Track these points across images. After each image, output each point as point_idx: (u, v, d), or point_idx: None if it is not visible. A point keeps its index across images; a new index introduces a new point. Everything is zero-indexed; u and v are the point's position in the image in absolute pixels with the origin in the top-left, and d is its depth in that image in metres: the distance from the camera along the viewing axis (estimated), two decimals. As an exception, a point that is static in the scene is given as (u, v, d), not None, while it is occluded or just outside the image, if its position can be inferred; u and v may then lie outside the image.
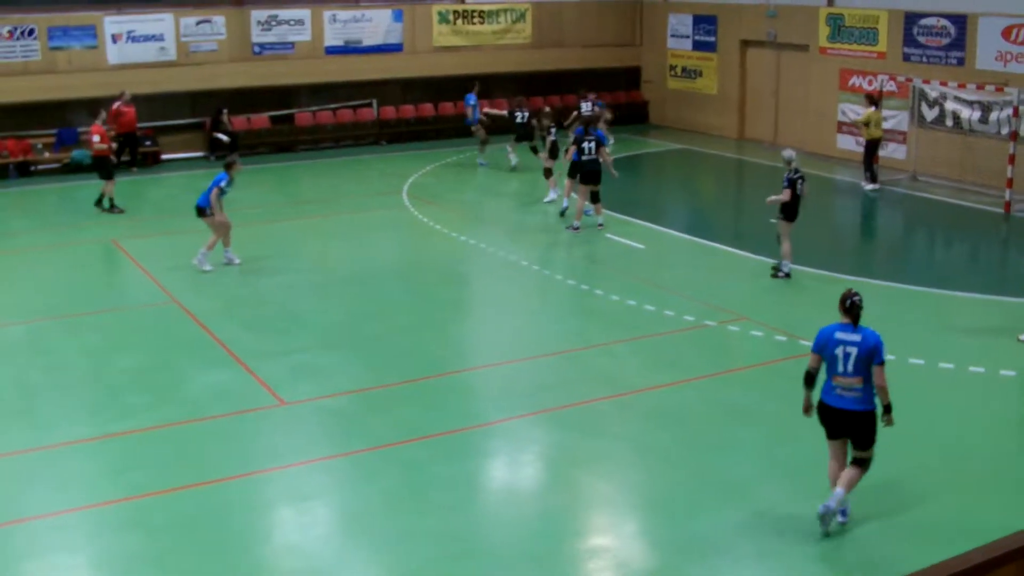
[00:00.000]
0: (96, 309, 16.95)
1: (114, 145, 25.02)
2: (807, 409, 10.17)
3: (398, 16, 32.35)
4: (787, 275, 17.95)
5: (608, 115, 28.30)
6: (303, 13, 31.05)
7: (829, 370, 9.85)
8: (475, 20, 33.44)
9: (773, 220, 18.23)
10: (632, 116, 35.45)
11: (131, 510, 10.61)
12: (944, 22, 25.85)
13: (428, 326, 16.23)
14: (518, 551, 9.87)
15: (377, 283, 18.57)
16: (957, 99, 25.00)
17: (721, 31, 32.78)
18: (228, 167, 18.89)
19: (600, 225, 21.47)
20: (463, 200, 24.86)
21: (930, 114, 25.82)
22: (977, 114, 24.61)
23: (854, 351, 9.69)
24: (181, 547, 9.90)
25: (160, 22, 29.24)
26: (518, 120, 27.37)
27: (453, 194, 25.57)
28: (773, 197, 17.81)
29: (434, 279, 18.85)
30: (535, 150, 26.70)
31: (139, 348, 15.30)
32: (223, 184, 18.65)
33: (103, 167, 23.39)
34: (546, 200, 24.13)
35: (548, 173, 24.24)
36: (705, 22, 33.27)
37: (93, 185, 24.75)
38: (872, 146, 25.25)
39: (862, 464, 9.95)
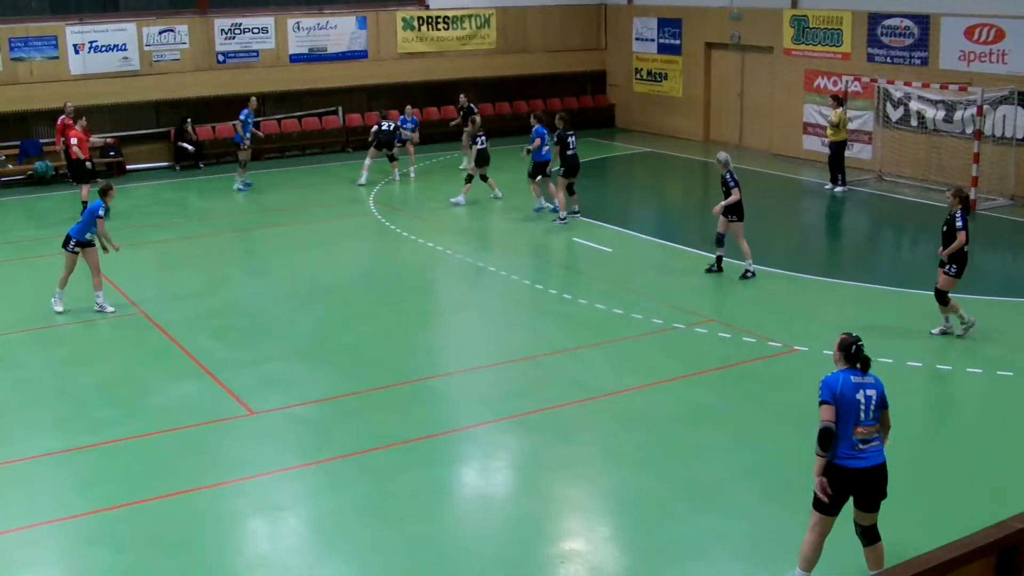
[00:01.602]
0: (63, 322, 16.81)
1: (93, 137, 25.01)
2: (825, 488, 8.55)
3: (362, 23, 32.27)
4: (753, 274, 18.00)
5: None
6: (267, 21, 30.93)
7: (847, 424, 8.47)
8: (440, 26, 33.41)
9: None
10: (598, 120, 35.49)
11: (100, 523, 10.53)
12: (907, 22, 26.01)
13: (397, 333, 16.19)
14: (490, 558, 9.84)
15: (345, 291, 18.51)
16: (921, 99, 25.18)
17: (686, 34, 32.85)
18: (103, 193, 17.17)
19: (576, 213, 22.67)
20: (430, 207, 24.80)
21: (895, 114, 25.99)
22: (941, 114, 24.80)
23: (874, 394, 8.56)
24: (151, 560, 9.82)
25: (122, 32, 29.03)
26: (384, 127, 26.79)
27: (420, 201, 25.52)
28: (723, 203, 17.95)
29: (402, 286, 18.79)
30: (392, 158, 27.02)
31: (107, 361, 15.21)
32: (101, 213, 16.91)
33: (80, 171, 23.37)
34: (452, 200, 24.46)
35: (469, 179, 24.44)
36: (670, 25, 33.35)
37: (57, 197, 24.67)
38: (839, 148, 25.32)
39: (878, 533, 8.80)
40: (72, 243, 16.96)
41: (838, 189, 25.26)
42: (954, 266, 14.84)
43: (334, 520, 10.62)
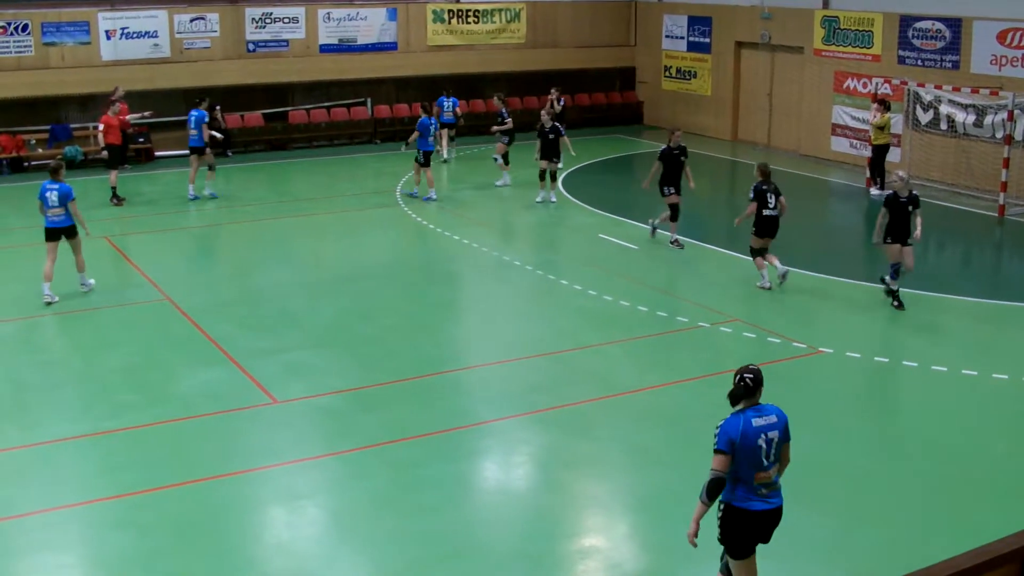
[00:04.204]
0: (89, 306, 16.89)
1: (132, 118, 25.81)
2: (696, 534, 8.09)
3: (392, 15, 32.32)
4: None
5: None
6: (297, 11, 31.01)
7: (748, 469, 7.95)
8: (470, 19, 33.43)
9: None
10: (626, 117, 35.48)
11: (122, 508, 10.58)
12: (939, 25, 25.86)
13: (420, 325, 16.21)
14: (508, 552, 9.85)
15: (370, 282, 18.54)
16: (952, 102, 25.01)
17: (716, 32, 32.76)
18: (55, 172, 17.15)
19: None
20: (456, 199, 24.81)
21: (925, 117, 25.83)
22: (972, 118, 24.63)
23: (775, 435, 7.98)
24: (171, 545, 9.88)
25: (154, 19, 29.19)
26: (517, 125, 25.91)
27: (446, 193, 25.52)
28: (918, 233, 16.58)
29: (427, 278, 18.83)
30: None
31: (131, 346, 15.27)
32: (75, 195, 17.06)
33: (111, 156, 23.69)
34: (537, 200, 23.94)
35: (547, 175, 23.80)
36: (700, 23, 33.27)
37: (85, 181, 24.76)
38: (881, 151, 25.15)
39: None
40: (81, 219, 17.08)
41: (875, 192, 25.08)
42: (753, 227, 17.34)
43: (353, 510, 10.66)
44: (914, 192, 16.58)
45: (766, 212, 17.20)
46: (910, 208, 16.37)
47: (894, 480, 11.16)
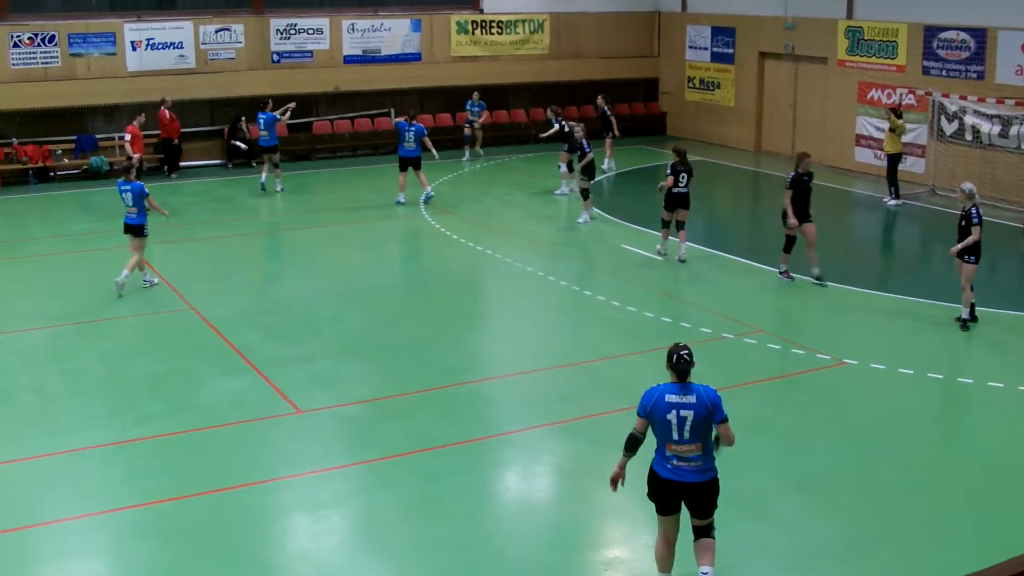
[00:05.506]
0: (114, 315, 16.99)
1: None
2: (616, 480, 8.97)
3: (416, 25, 32.40)
4: (966, 325, 16.28)
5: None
6: (321, 22, 31.14)
7: (660, 438, 8.66)
8: (493, 30, 33.48)
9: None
10: (649, 127, 35.43)
11: (147, 516, 10.63)
12: (964, 36, 25.77)
13: (444, 335, 16.23)
14: (532, 561, 9.84)
15: (394, 292, 18.59)
16: (977, 113, 24.92)
17: (739, 43, 32.71)
18: (127, 172, 18.00)
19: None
20: (480, 210, 24.83)
21: (949, 128, 25.74)
22: (997, 128, 24.54)
23: (690, 415, 8.49)
24: (195, 553, 9.91)
25: (179, 30, 29.34)
26: (566, 130, 25.38)
27: (470, 204, 25.54)
28: (964, 243, 16.02)
29: (450, 289, 18.86)
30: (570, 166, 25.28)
31: (156, 354, 15.33)
32: (147, 190, 18.01)
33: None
34: (580, 221, 23.15)
35: (586, 194, 23.15)
36: (723, 34, 33.24)
37: (111, 192, 24.89)
38: (892, 161, 25.10)
39: (711, 531, 8.95)
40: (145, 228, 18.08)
41: (892, 202, 25.01)
42: (663, 200, 19.99)
43: (377, 519, 10.67)
44: (971, 209, 15.92)
45: (676, 190, 19.78)
46: (963, 223, 16.05)
47: (917, 493, 11.11)
